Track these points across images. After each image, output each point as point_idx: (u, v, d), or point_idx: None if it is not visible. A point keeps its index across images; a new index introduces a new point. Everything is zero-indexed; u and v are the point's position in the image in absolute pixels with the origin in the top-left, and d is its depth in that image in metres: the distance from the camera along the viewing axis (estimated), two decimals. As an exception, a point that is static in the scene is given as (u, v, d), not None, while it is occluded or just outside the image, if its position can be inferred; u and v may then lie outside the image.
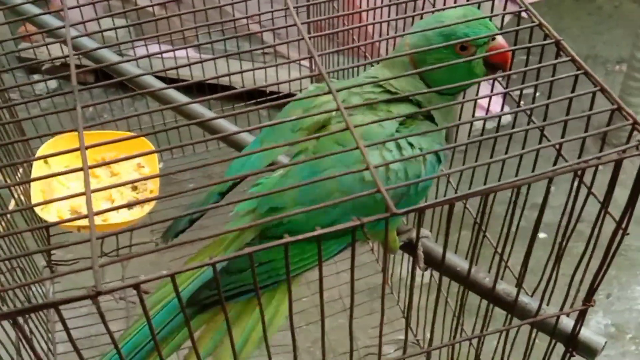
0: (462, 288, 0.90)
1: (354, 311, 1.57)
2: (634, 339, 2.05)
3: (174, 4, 1.97)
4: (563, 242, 0.68)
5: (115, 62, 0.83)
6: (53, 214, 1.30)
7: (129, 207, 1.35)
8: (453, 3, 0.89)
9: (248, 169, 0.85)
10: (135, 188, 1.40)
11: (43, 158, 0.60)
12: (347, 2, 1.63)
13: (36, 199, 1.27)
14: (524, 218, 0.88)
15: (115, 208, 0.56)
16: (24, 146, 1.45)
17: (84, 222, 1.29)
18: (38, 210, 1.28)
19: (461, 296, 0.69)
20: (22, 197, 1.33)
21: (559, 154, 0.72)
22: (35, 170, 1.33)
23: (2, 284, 1.01)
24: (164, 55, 1.05)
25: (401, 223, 0.94)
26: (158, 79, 1.22)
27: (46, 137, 1.36)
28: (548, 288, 0.73)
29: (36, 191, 1.30)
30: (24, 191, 1.35)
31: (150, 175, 1.32)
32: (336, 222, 0.52)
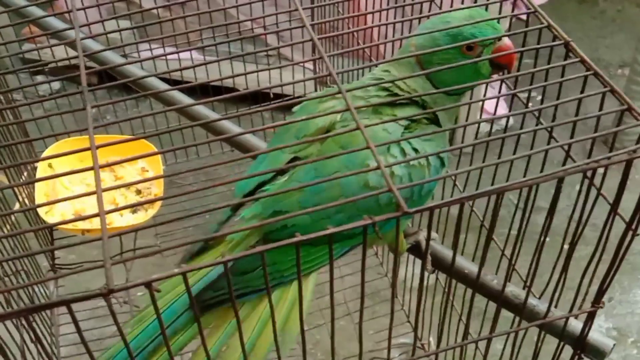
0: (467, 290, 0.90)
1: (358, 315, 1.56)
2: (636, 343, 2.05)
3: (178, 7, 1.98)
4: (575, 241, 0.67)
5: (121, 64, 0.83)
6: (57, 218, 1.30)
7: (133, 211, 1.35)
8: (459, 5, 0.89)
9: (254, 184, 0.85)
10: (139, 192, 1.40)
11: (51, 158, 0.60)
12: (352, 5, 1.63)
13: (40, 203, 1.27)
14: (525, 222, 0.88)
15: (123, 208, 0.56)
16: (28, 149, 1.45)
17: (89, 225, 1.29)
18: (42, 213, 1.28)
19: (470, 298, 0.69)
20: (27, 201, 1.33)
21: (568, 155, 0.72)
22: (39, 174, 1.33)
23: (7, 287, 1.01)
24: (168, 57, 1.05)
25: (407, 226, 0.94)
26: (162, 81, 1.23)
27: (50, 141, 1.37)
28: (556, 290, 0.73)
29: (40, 195, 1.31)
30: (29, 194, 1.35)
31: (154, 176, 1.32)
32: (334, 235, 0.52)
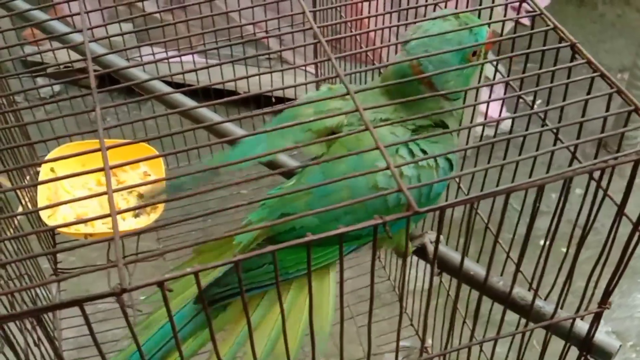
0: (470, 292, 0.90)
1: (359, 318, 1.56)
2: (635, 347, 2.05)
3: (180, 11, 1.98)
4: (581, 242, 0.68)
5: (125, 67, 0.84)
6: (59, 222, 1.30)
7: (136, 215, 1.35)
8: (463, 7, 0.89)
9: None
10: (141, 197, 1.41)
11: (56, 160, 0.60)
12: (353, 10, 1.64)
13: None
14: (523, 224, 0.88)
15: (133, 209, 0.56)
16: (30, 153, 1.45)
17: (92, 229, 1.30)
18: (45, 218, 1.28)
19: (477, 300, 0.69)
20: (29, 205, 1.33)
21: (574, 156, 0.72)
22: (42, 178, 1.33)
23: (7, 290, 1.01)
24: (171, 60, 1.05)
25: (412, 229, 0.94)
26: (165, 84, 1.23)
27: (52, 145, 1.37)
28: (563, 292, 0.73)
29: (43, 199, 1.31)
30: (31, 199, 1.35)
31: (157, 178, 1.32)
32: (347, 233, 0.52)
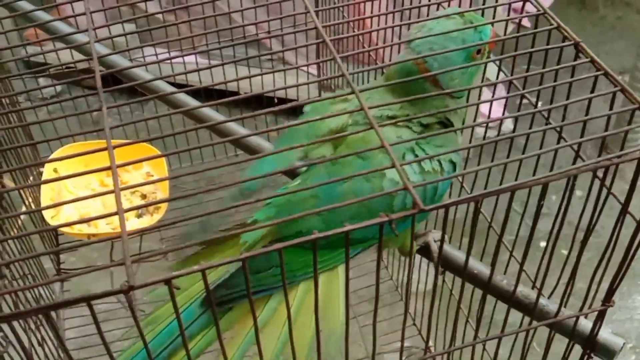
0: (474, 291, 0.90)
1: (361, 319, 1.56)
2: (635, 349, 2.05)
3: (183, 11, 1.98)
4: (585, 240, 0.68)
5: (129, 67, 0.84)
6: (63, 222, 1.30)
7: (139, 216, 1.35)
8: (466, 7, 0.90)
9: (261, 182, 0.86)
10: (144, 197, 1.41)
11: (60, 160, 0.60)
12: (355, 11, 1.64)
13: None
14: (525, 226, 0.88)
15: (140, 207, 0.56)
16: (33, 154, 1.46)
17: (95, 230, 1.30)
18: (48, 218, 1.28)
19: (481, 299, 0.70)
20: (33, 205, 1.33)
21: (577, 155, 0.73)
22: (45, 178, 1.33)
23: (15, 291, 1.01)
24: (173, 61, 1.06)
25: (417, 228, 0.94)
26: (167, 84, 1.23)
27: (55, 146, 1.37)
28: (567, 291, 0.73)
29: (46, 200, 1.31)
30: (35, 199, 1.36)
31: (159, 178, 1.32)
32: (354, 232, 0.52)
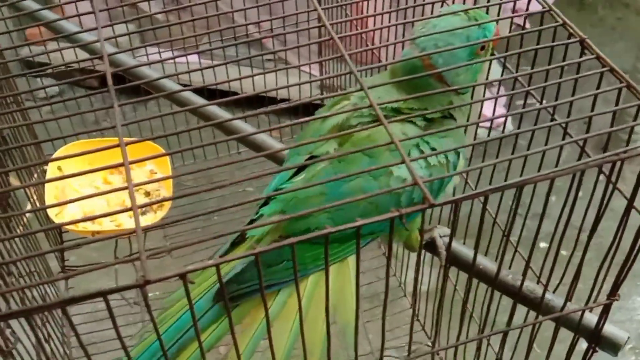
0: (477, 289, 0.91)
1: (364, 315, 1.56)
2: (634, 349, 2.06)
3: (186, 12, 1.99)
4: (590, 235, 0.69)
5: (135, 65, 0.85)
6: (67, 220, 1.31)
7: (142, 213, 1.36)
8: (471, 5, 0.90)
9: (275, 184, 0.87)
10: (148, 194, 1.41)
11: (65, 158, 0.61)
12: (357, 10, 1.65)
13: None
14: (526, 227, 0.89)
15: (152, 203, 0.57)
16: (37, 152, 1.46)
17: (99, 227, 1.30)
18: (52, 215, 1.29)
19: (490, 294, 0.70)
20: (38, 203, 1.34)
21: (583, 150, 0.73)
22: (49, 176, 1.34)
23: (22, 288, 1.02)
24: (176, 60, 1.06)
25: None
26: (173, 83, 1.23)
27: (58, 144, 1.38)
28: (572, 286, 0.74)
29: (50, 197, 1.31)
30: (39, 197, 1.36)
31: (165, 176, 1.33)
32: (363, 226, 0.53)
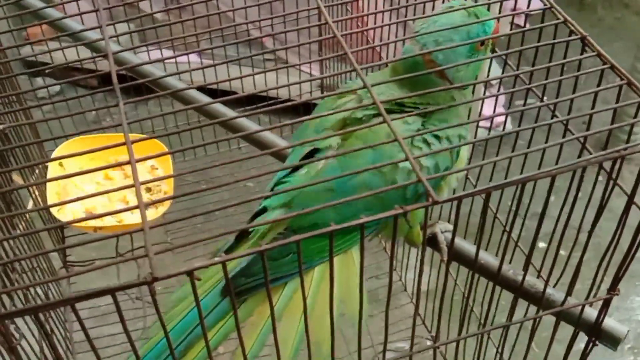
0: (477, 285, 0.92)
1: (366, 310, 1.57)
2: (633, 349, 2.07)
3: (184, 12, 1.99)
4: (590, 232, 0.70)
5: (139, 64, 0.85)
6: (68, 216, 1.31)
7: (145, 208, 1.36)
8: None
9: (279, 176, 0.87)
10: (149, 190, 1.42)
11: (76, 155, 0.61)
12: (356, 8, 1.65)
13: (52, 202, 1.28)
14: (525, 227, 0.90)
15: (161, 200, 0.57)
16: (39, 149, 1.47)
17: (101, 223, 1.31)
18: (54, 211, 1.29)
19: (492, 289, 0.71)
20: (39, 199, 1.34)
21: (584, 147, 0.74)
22: (50, 173, 1.34)
23: (26, 283, 1.02)
24: (172, 59, 1.07)
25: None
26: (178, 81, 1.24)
27: (59, 140, 1.38)
28: (574, 280, 0.75)
29: (52, 194, 1.31)
30: (41, 193, 1.36)
31: (164, 175, 1.33)
32: (368, 222, 0.54)
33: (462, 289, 1.10)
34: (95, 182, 1.40)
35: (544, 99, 0.79)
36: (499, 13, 0.84)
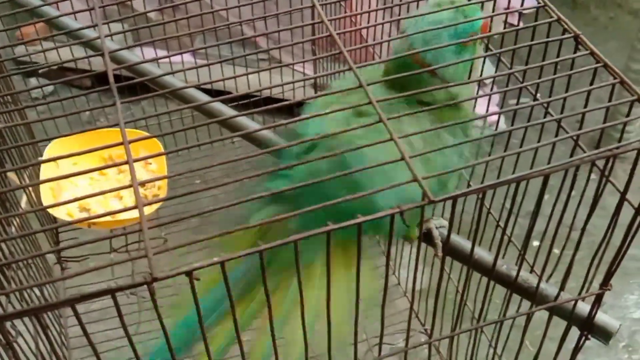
0: (470, 280, 0.93)
1: (361, 305, 1.58)
2: (627, 347, 2.08)
3: (178, 12, 1.99)
4: (584, 227, 0.70)
5: (136, 63, 0.85)
6: (62, 212, 1.31)
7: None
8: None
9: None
10: (143, 185, 1.41)
11: (80, 154, 0.62)
12: (348, 6, 1.65)
13: (45, 197, 1.28)
14: (518, 225, 0.91)
15: (159, 200, 0.58)
16: (34, 147, 1.46)
17: (96, 219, 1.30)
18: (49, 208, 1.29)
19: (488, 285, 0.72)
20: (33, 195, 1.34)
21: (577, 144, 0.75)
22: (43, 170, 1.34)
23: (20, 280, 1.03)
24: (168, 59, 1.07)
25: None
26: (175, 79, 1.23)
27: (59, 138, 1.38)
28: (567, 275, 0.75)
29: (45, 188, 1.31)
30: (34, 189, 1.36)
31: (159, 176, 1.33)
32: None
33: (456, 285, 1.11)
34: (88, 177, 1.39)
35: (537, 98, 0.80)
36: (493, 11, 0.84)
